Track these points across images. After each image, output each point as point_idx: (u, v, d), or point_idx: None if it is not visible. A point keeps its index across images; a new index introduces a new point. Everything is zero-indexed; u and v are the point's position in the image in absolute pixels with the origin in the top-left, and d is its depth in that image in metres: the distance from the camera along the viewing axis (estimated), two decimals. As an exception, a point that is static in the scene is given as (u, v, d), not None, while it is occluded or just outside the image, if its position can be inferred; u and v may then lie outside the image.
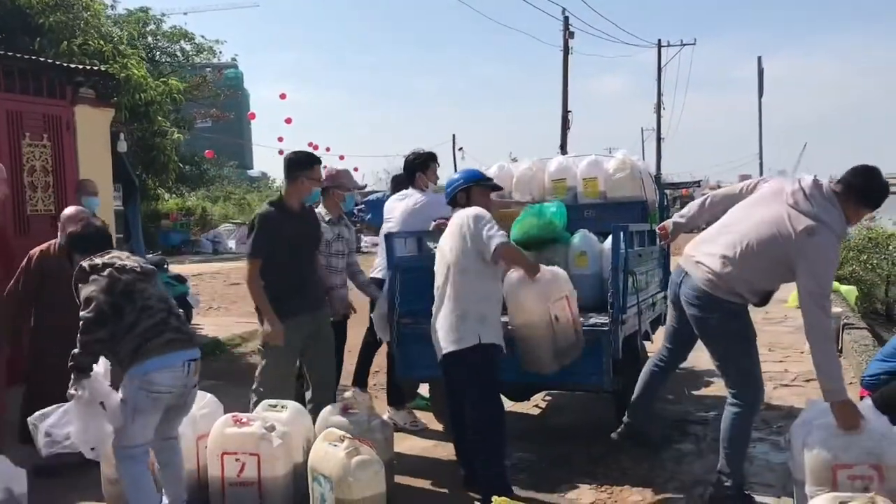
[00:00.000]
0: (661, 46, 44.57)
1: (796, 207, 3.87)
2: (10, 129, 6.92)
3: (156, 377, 3.80)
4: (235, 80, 55.63)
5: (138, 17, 21.60)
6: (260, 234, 4.86)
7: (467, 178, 4.77)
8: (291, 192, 5.05)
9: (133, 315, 3.84)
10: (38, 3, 8.24)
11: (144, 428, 3.86)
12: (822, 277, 3.82)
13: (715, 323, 4.13)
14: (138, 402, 3.79)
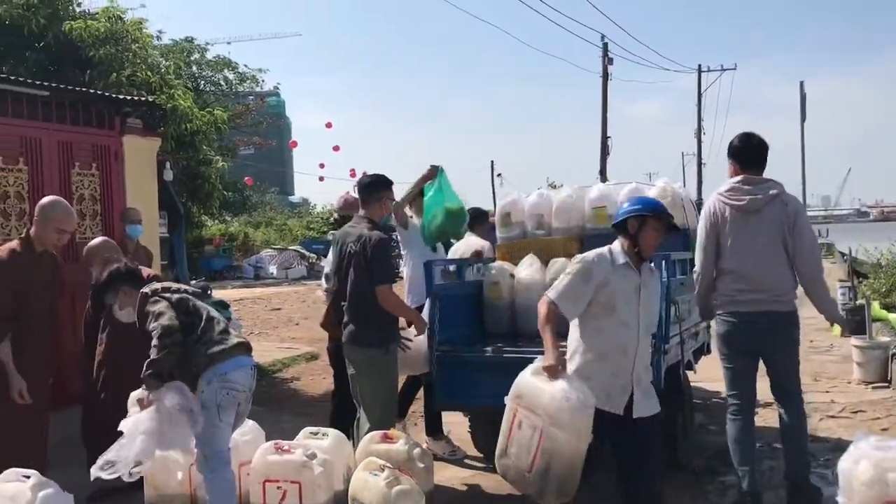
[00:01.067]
0: (702, 71, 44.35)
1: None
2: (61, 159, 7.09)
3: (233, 376, 4.11)
4: (277, 108, 56.55)
5: (183, 46, 22.09)
6: (389, 258, 5.07)
7: (647, 205, 4.15)
8: (376, 212, 5.15)
9: (202, 326, 4.18)
10: (89, 36, 8.48)
11: (229, 427, 4.13)
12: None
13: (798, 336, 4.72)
14: (221, 400, 4.05)
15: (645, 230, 4.02)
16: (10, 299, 4.62)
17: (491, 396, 5.28)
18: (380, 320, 4.93)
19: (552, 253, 6.03)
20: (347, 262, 5.00)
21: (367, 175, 5.33)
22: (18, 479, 3.85)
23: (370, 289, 4.88)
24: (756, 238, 4.57)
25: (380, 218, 5.19)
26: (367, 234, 4.94)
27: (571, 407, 3.76)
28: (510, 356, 5.26)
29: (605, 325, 3.98)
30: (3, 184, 6.61)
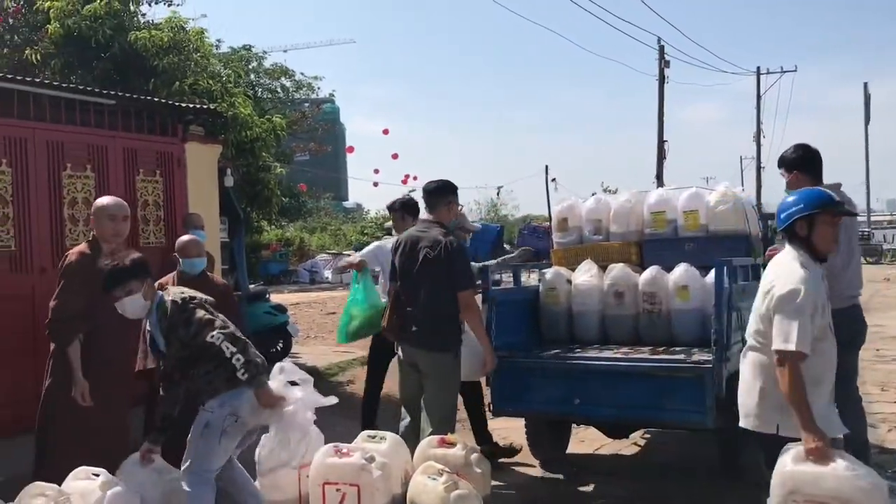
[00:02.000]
0: (761, 74, 43.55)
1: None
2: (126, 165, 7.28)
3: (245, 409, 4.05)
4: (332, 115, 57.09)
5: (241, 55, 22.49)
6: (469, 263, 5.18)
7: (811, 201, 3.58)
8: (445, 216, 5.22)
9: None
10: (153, 46, 8.69)
11: (227, 453, 4.13)
12: None
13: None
14: (227, 426, 4.03)
15: (818, 228, 3.53)
16: (81, 301, 4.67)
17: (548, 403, 5.29)
18: (452, 325, 5.00)
19: (610, 258, 5.98)
20: (421, 266, 4.98)
21: (434, 180, 5.32)
22: (88, 478, 3.96)
23: (448, 294, 4.92)
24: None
25: (448, 222, 5.25)
26: (444, 240, 4.96)
27: (866, 487, 3.22)
28: (567, 362, 5.24)
29: (825, 347, 3.51)
30: (71, 190, 6.81)
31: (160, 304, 4.06)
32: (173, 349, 4.03)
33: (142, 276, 4.10)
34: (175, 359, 4.05)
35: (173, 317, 4.00)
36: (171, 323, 4.00)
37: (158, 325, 4.06)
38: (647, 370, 4.93)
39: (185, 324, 3.98)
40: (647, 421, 5.40)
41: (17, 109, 6.47)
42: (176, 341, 4.00)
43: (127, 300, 4.03)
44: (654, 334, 5.65)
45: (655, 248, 5.98)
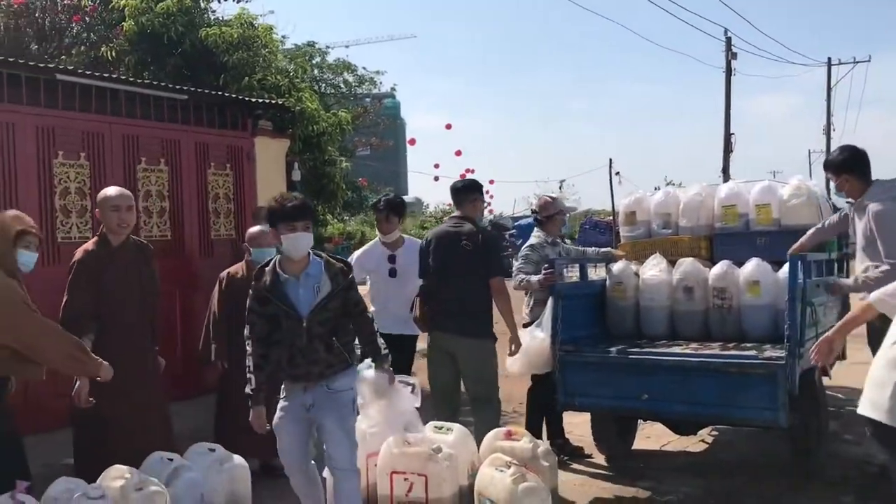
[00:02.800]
0: (832, 64, 42.31)
1: None
2: (198, 159, 7.47)
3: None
4: (393, 110, 57.44)
5: (306, 51, 22.76)
6: (502, 252, 5.49)
7: None
8: (472, 211, 5.59)
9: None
10: (223, 42, 8.86)
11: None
12: None
13: None
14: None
15: None
16: (89, 298, 4.58)
17: (614, 398, 5.25)
18: (488, 313, 5.35)
19: (679, 252, 5.91)
20: (460, 258, 5.29)
21: (461, 180, 5.91)
22: (162, 461, 4.08)
23: (484, 282, 5.26)
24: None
25: (475, 215, 5.59)
26: (481, 232, 5.39)
27: None
28: (635, 357, 5.19)
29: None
30: (145, 183, 7.02)
31: (327, 262, 4.00)
32: (331, 306, 3.93)
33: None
34: (325, 320, 3.93)
35: (344, 277, 3.98)
36: (348, 283, 4.00)
37: (322, 277, 3.94)
38: (718, 366, 4.84)
39: (353, 286, 4.08)
40: (716, 418, 5.30)
41: (94, 104, 6.68)
42: (339, 301, 3.96)
43: (303, 235, 3.91)
44: (723, 330, 5.57)
45: (726, 242, 5.89)
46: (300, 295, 3.92)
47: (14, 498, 3.42)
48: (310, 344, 3.91)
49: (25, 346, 3.93)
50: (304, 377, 3.97)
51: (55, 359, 4.05)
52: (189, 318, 7.12)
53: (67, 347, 4.04)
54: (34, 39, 10.57)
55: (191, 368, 7.18)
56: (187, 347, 7.23)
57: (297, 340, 3.91)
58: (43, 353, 4.00)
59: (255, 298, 4.01)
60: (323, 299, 3.91)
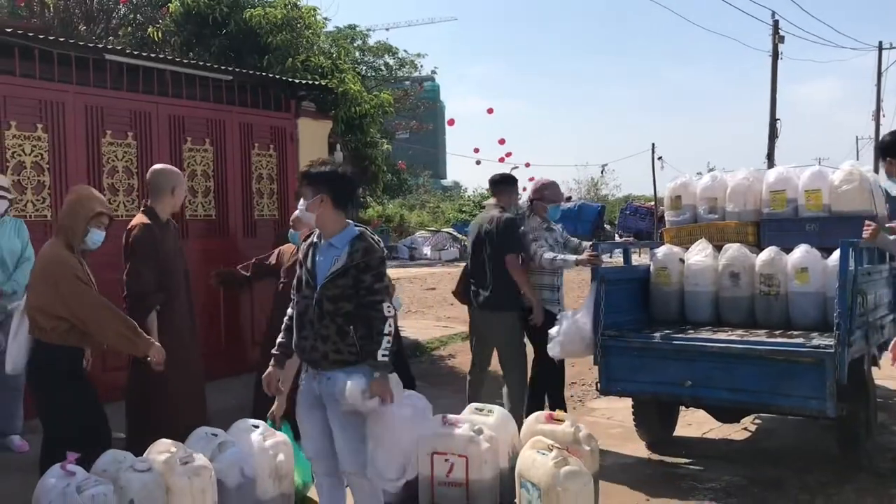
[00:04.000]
0: (883, 49, 41.22)
1: None
2: (242, 140, 7.52)
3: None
4: (433, 93, 57.42)
5: (347, 33, 22.84)
6: (516, 233, 5.84)
7: None
8: (506, 200, 6.09)
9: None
10: (267, 23, 8.88)
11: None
12: None
13: None
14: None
15: None
16: (154, 272, 4.66)
17: (657, 384, 5.21)
18: (510, 289, 5.75)
19: (725, 238, 5.82)
20: (483, 240, 5.90)
21: (498, 174, 6.29)
22: (206, 436, 4.14)
23: (502, 259, 5.73)
24: None
25: (508, 205, 6.07)
26: (497, 215, 5.90)
27: None
28: (679, 343, 5.13)
29: None
30: (191, 163, 7.09)
31: (359, 235, 3.70)
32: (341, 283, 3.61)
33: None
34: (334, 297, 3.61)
35: (363, 255, 3.63)
36: (365, 263, 3.62)
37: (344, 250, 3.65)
38: (764, 353, 4.77)
39: (374, 272, 3.65)
40: (761, 406, 5.20)
41: (141, 85, 6.75)
42: (350, 279, 3.61)
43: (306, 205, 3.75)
44: (769, 318, 5.48)
45: (774, 228, 5.78)
46: (320, 262, 3.71)
47: (65, 468, 3.50)
48: (321, 319, 3.62)
49: (79, 320, 4.07)
50: (308, 353, 3.68)
51: (106, 335, 4.18)
52: (231, 296, 7.20)
53: (118, 325, 4.16)
54: (82, 20, 10.74)
55: (234, 346, 7.30)
56: (229, 325, 7.35)
57: (309, 311, 3.66)
58: (95, 328, 4.13)
59: (299, 262, 3.87)
60: (333, 272, 3.62)
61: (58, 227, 4.34)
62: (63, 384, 4.15)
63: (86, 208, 4.22)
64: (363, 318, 3.63)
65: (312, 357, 3.68)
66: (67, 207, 4.29)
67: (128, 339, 4.20)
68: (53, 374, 4.13)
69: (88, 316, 4.11)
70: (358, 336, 3.62)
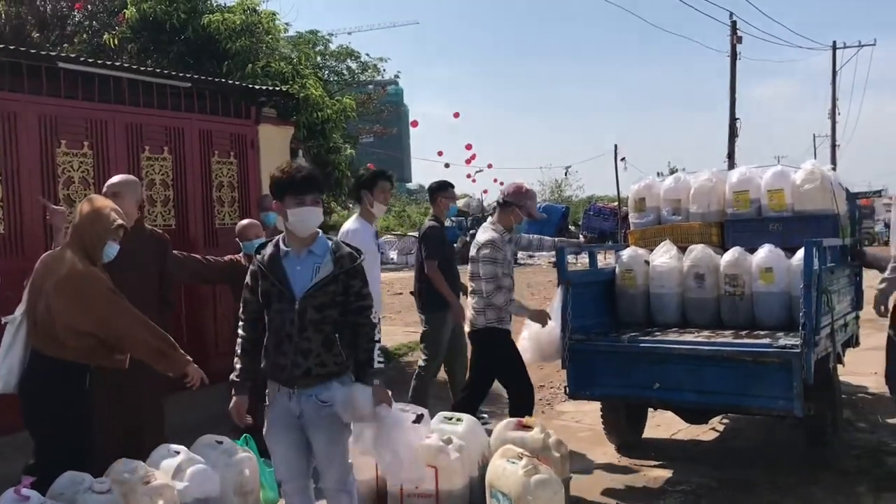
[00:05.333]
0: (837, 48, 42.03)
1: None
2: (202, 147, 7.37)
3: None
4: (397, 97, 57.34)
5: (308, 38, 22.63)
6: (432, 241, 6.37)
7: None
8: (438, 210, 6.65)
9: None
10: (226, 29, 8.76)
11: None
12: None
13: None
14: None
15: None
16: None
17: (625, 387, 5.20)
18: (431, 292, 6.27)
19: (689, 239, 5.83)
20: (419, 246, 6.57)
21: (435, 181, 6.81)
22: (169, 455, 4.03)
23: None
24: None
25: (440, 212, 6.63)
26: (426, 224, 6.56)
27: None
28: (646, 346, 5.12)
29: None
30: (150, 172, 6.93)
31: (336, 244, 3.57)
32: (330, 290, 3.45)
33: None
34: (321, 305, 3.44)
35: (351, 261, 3.51)
36: (354, 269, 3.51)
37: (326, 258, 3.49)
38: (731, 354, 4.78)
39: (361, 277, 3.55)
40: (730, 407, 5.23)
41: (97, 93, 6.59)
42: (340, 286, 3.47)
43: (312, 209, 3.50)
44: (735, 318, 5.50)
45: (738, 228, 5.81)
46: (297, 272, 3.48)
47: (19, 492, 3.37)
48: (301, 332, 3.42)
49: (113, 337, 3.91)
50: (289, 370, 3.45)
51: (141, 351, 4.02)
52: (193, 307, 7.07)
53: (156, 341, 4.00)
54: (35, 27, 10.50)
55: (198, 358, 7.14)
56: (193, 336, 7.19)
57: (286, 325, 3.45)
58: (131, 345, 3.98)
59: (251, 273, 3.61)
60: (322, 280, 3.44)
61: (74, 240, 4.02)
62: (67, 403, 3.92)
63: (107, 220, 4.00)
64: (351, 325, 3.52)
65: (292, 375, 3.46)
66: (87, 219, 4.01)
67: (165, 355, 4.03)
68: (57, 392, 3.90)
69: (126, 332, 3.92)
70: (344, 345, 3.50)
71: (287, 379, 3.50)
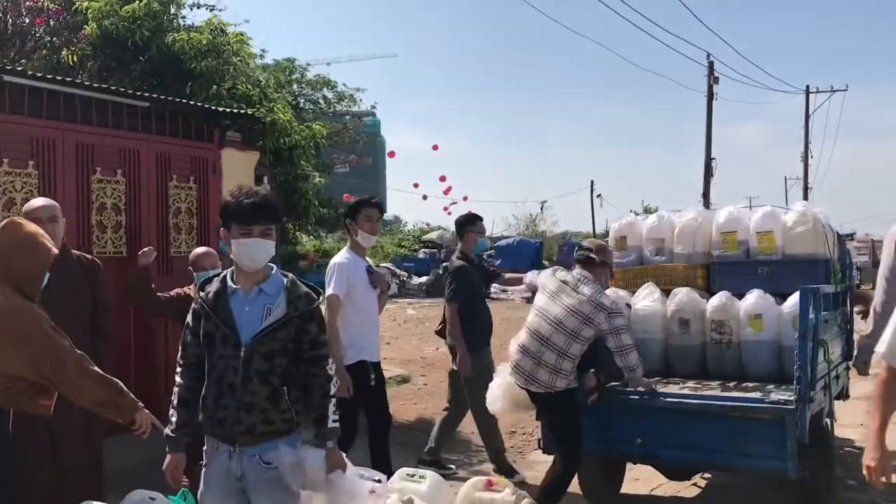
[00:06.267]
0: (810, 92, 42.55)
1: None
2: (160, 171, 6.95)
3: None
4: (373, 128, 57.25)
5: (284, 66, 22.34)
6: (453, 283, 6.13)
7: None
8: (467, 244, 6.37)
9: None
10: (192, 48, 8.41)
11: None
12: None
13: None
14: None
15: None
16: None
17: (605, 442, 4.82)
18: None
19: (674, 281, 5.52)
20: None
21: (462, 215, 6.63)
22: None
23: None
24: None
25: (467, 248, 6.36)
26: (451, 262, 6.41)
27: None
28: (627, 398, 4.75)
29: None
30: (100, 195, 6.49)
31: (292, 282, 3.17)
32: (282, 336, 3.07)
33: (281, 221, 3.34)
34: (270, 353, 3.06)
35: (307, 303, 3.13)
36: (311, 313, 3.13)
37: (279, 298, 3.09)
38: (720, 409, 4.43)
39: (318, 322, 3.19)
40: (717, 465, 4.89)
41: (46, 110, 6.17)
42: (292, 331, 3.09)
43: (260, 241, 3.07)
44: (722, 367, 5.18)
45: (725, 271, 5.49)
46: (245, 314, 3.08)
47: None
48: (246, 383, 3.03)
49: (51, 381, 3.40)
50: (229, 426, 3.05)
51: (84, 397, 3.50)
52: (144, 339, 6.60)
53: (99, 387, 3.48)
54: (-7, 42, 10.06)
55: (148, 399, 6.64)
56: (141, 374, 6.71)
57: (229, 374, 3.05)
58: (70, 389, 3.46)
59: (193, 312, 3.21)
60: (273, 324, 3.05)
61: (6, 274, 3.46)
62: None
63: (46, 253, 3.50)
64: (303, 376, 3.13)
65: (234, 431, 3.05)
66: (21, 250, 3.48)
67: (111, 402, 3.51)
68: None
69: (66, 376, 3.38)
70: (292, 399, 3.10)
71: (227, 435, 3.08)
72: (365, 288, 5.27)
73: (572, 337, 4.63)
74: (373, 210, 5.47)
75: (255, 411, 3.03)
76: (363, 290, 5.25)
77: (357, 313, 5.16)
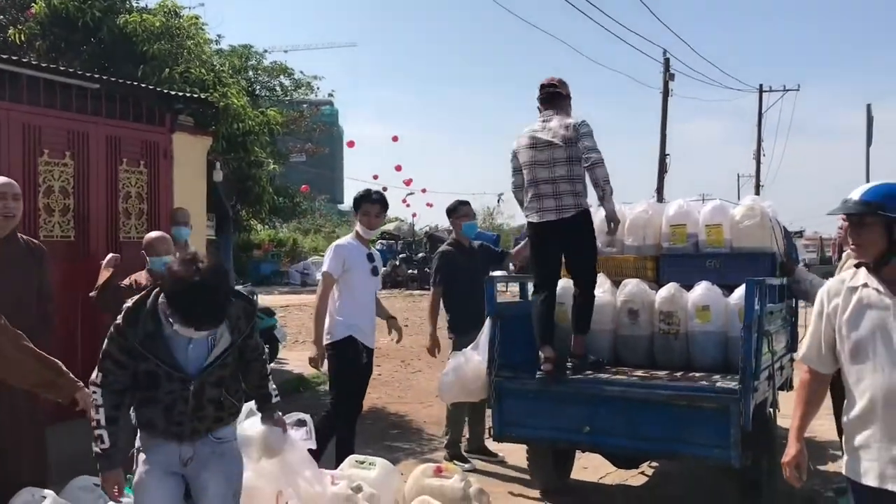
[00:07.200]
0: (763, 91, 43.25)
1: None
2: (109, 154, 6.82)
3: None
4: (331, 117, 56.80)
5: (241, 52, 22.01)
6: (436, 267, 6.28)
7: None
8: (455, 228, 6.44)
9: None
10: (144, 31, 8.25)
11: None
12: None
13: None
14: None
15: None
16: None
17: (554, 429, 4.85)
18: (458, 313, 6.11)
19: (624, 273, 5.56)
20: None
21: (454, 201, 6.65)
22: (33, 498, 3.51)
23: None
24: None
25: (456, 232, 6.45)
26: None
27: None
28: (577, 386, 4.79)
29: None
30: (48, 178, 6.36)
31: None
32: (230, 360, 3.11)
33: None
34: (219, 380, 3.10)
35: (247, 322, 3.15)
36: (251, 329, 3.18)
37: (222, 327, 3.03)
38: (666, 398, 4.48)
39: (254, 331, 3.24)
40: (662, 454, 4.94)
41: (-10, 90, 6.01)
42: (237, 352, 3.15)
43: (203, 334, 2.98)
44: (669, 358, 5.23)
45: (674, 263, 5.55)
46: (190, 351, 3.01)
47: None
48: (198, 410, 3.05)
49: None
50: (189, 436, 3.09)
51: (27, 380, 3.43)
52: (91, 326, 6.47)
53: (42, 368, 3.38)
54: (-64, 20, 9.75)
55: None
56: (89, 359, 6.58)
57: (179, 404, 3.03)
58: (13, 373, 3.37)
59: (120, 347, 3.03)
60: (220, 355, 3.04)
61: None
62: None
63: None
64: (243, 371, 3.29)
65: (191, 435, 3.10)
66: None
67: (50, 382, 3.42)
68: None
69: (2, 354, 3.30)
70: (232, 392, 3.19)
71: (179, 436, 3.10)
72: (363, 273, 5.32)
73: (571, 162, 4.96)
74: (371, 206, 5.47)
75: (207, 419, 3.11)
76: (360, 274, 5.30)
77: (350, 296, 5.22)
